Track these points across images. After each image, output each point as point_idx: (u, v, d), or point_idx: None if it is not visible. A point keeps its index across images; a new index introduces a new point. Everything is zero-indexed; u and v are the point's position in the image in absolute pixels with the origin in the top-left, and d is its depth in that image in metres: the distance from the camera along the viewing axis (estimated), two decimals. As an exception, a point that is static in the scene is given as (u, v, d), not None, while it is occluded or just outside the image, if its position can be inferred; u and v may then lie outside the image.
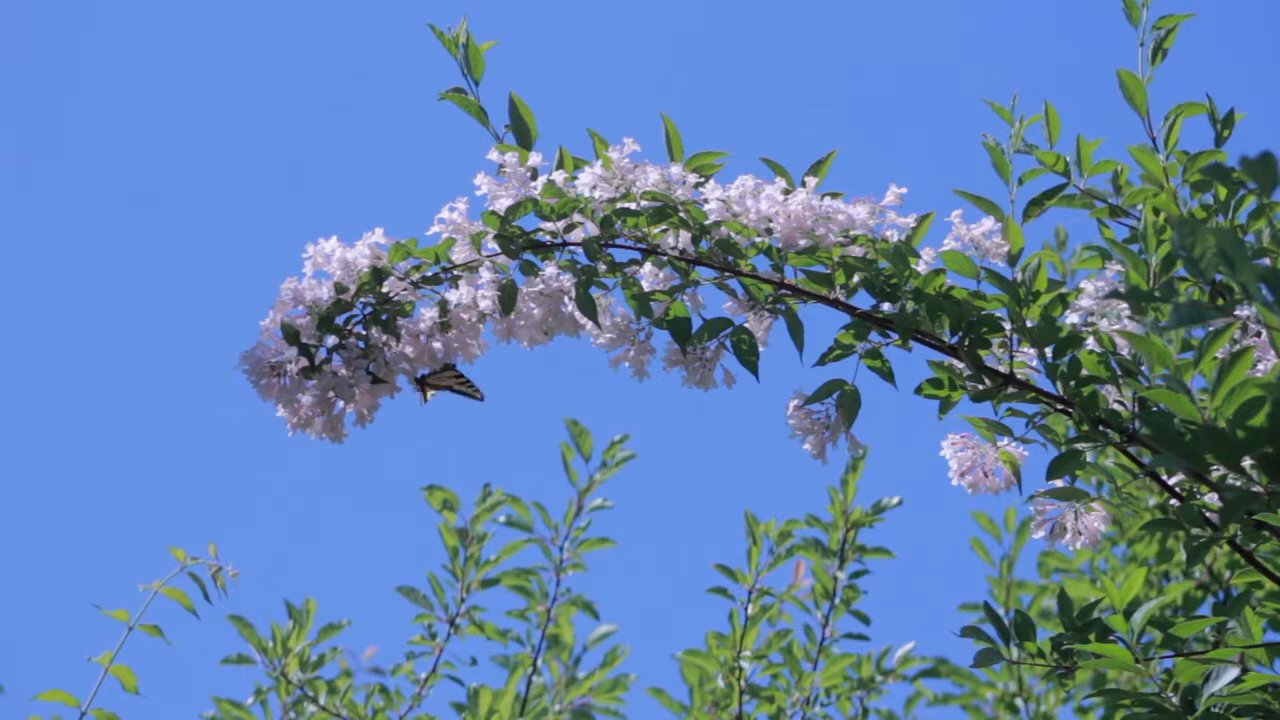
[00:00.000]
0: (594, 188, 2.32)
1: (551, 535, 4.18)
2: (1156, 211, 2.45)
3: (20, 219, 6.71)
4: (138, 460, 6.60)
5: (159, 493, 6.52)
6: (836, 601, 3.96)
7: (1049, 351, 2.31)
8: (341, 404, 2.33)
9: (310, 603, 4.03)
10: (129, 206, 6.77)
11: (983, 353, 2.36)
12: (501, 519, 4.16)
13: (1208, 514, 2.24)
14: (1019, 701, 4.31)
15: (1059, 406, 2.34)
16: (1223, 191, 2.41)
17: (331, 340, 2.32)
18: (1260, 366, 2.35)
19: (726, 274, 2.37)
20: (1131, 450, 2.31)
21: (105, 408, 6.65)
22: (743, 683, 3.87)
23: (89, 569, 6.15)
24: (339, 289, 2.30)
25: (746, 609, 3.89)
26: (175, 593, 2.81)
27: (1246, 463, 1.94)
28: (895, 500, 3.94)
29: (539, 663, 4.17)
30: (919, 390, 2.39)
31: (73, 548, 6.46)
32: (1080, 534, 2.43)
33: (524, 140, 2.40)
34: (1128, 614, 2.30)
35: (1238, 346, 2.23)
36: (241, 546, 2.80)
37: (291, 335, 2.29)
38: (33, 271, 6.76)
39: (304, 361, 2.31)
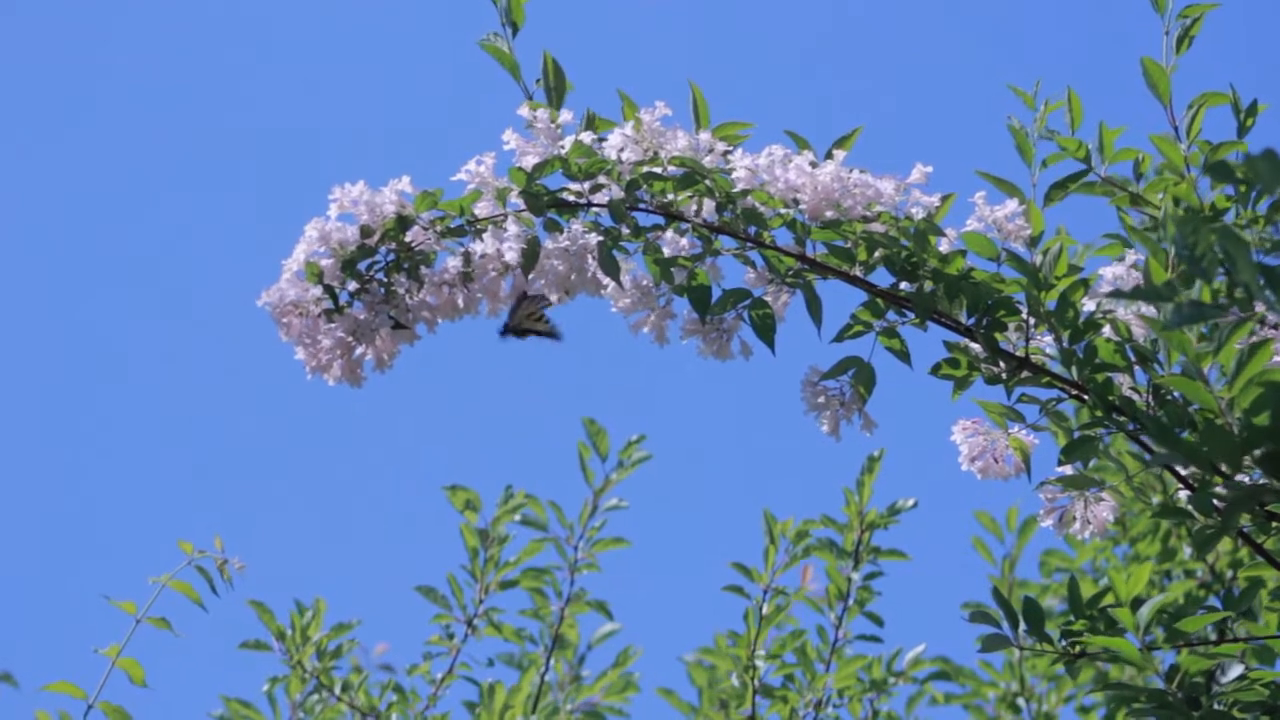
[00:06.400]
0: (622, 149, 2.35)
1: (566, 535, 4.20)
2: (1176, 201, 2.47)
3: (25, 196, 6.74)
4: (150, 453, 6.62)
5: (171, 487, 6.54)
6: (850, 603, 3.96)
7: (1065, 336, 2.32)
8: (361, 348, 2.35)
9: (320, 602, 4.05)
10: (139, 183, 6.80)
11: (999, 336, 2.37)
12: (518, 518, 4.17)
13: (1219, 504, 2.25)
14: (1021, 701, 4.32)
15: (1073, 392, 2.35)
16: (1252, 178, 2.42)
17: (353, 285, 2.35)
18: (1277, 359, 2.36)
19: (748, 245, 2.38)
20: (1143, 439, 2.32)
21: (117, 399, 6.67)
22: (756, 682, 3.88)
23: (98, 561, 6.17)
24: (365, 232, 2.32)
25: (762, 608, 3.90)
26: (183, 586, 2.82)
27: (1255, 454, 1.95)
28: (910, 502, 3.95)
29: (550, 662, 4.18)
30: (935, 370, 2.40)
31: (82, 540, 6.48)
32: (1088, 523, 2.44)
33: (557, 98, 2.42)
34: (1134, 607, 2.30)
35: (1257, 338, 2.24)
36: (258, 544, 2.81)
37: (316, 274, 2.31)
38: (41, 259, 6.80)
39: (326, 302, 2.33)
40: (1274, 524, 2.33)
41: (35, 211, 6.76)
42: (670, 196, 2.36)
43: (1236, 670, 2.32)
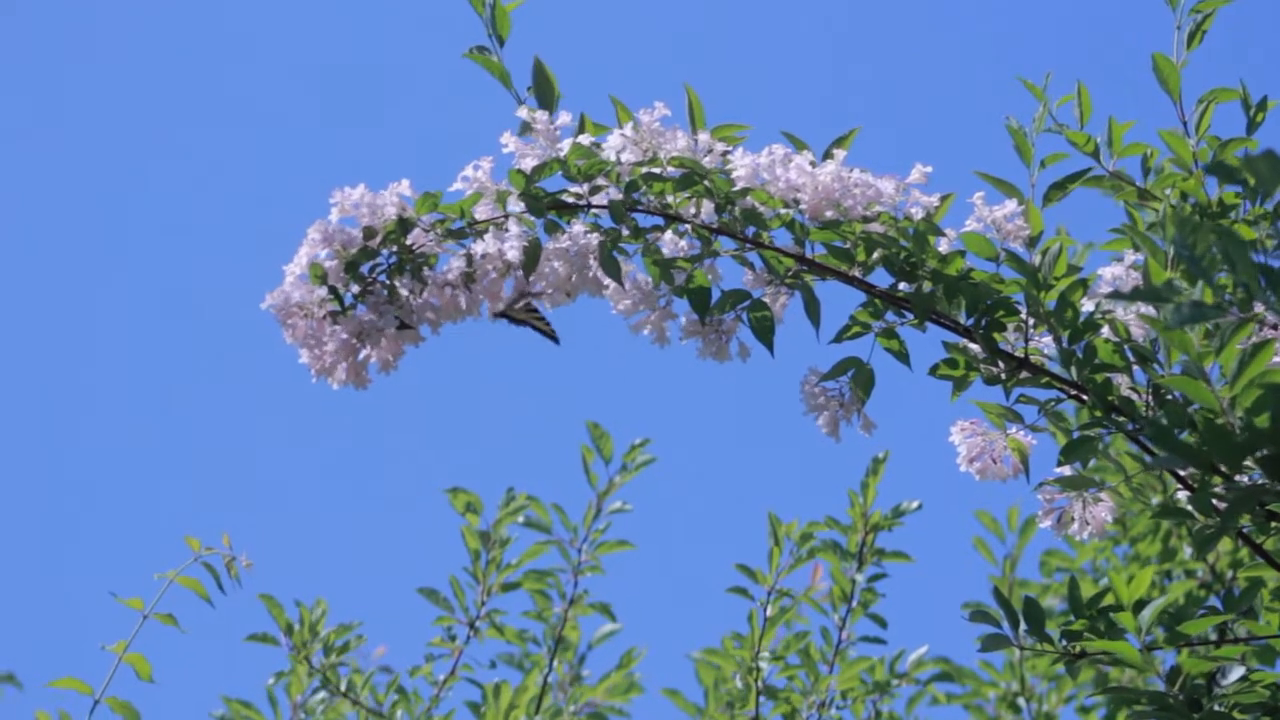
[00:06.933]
0: (621, 150, 2.35)
1: (570, 537, 4.21)
2: (1185, 197, 2.47)
3: (25, 192, 6.75)
4: (154, 453, 6.63)
5: (174, 487, 6.55)
6: (854, 604, 3.97)
7: (1064, 336, 2.33)
8: (366, 350, 2.36)
9: (321, 602, 4.06)
10: (146, 175, 6.82)
11: (998, 336, 2.37)
12: (521, 520, 4.18)
13: (1218, 504, 2.25)
14: (1021, 701, 4.32)
15: (1072, 393, 2.35)
16: (1251, 179, 2.41)
17: (355, 288, 2.36)
18: (1277, 359, 2.36)
19: (747, 246, 2.39)
20: (1142, 440, 2.32)
21: (123, 395, 6.68)
22: (760, 684, 3.88)
23: (99, 560, 6.19)
24: (367, 234, 2.33)
25: (766, 610, 3.90)
26: (190, 581, 2.83)
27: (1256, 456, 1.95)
28: (915, 504, 3.95)
29: (554, 663, 4.19)
30: (934, 370, 2.41)
31: (88, 537, 6.49)
32: (1087, 524, 2.44)
33: (546, 104, 2.42)
34: (1136, 610, 2.30)
35: (1258, 338, 2.24)
36: (258, 544, 2.83)
37: (320, 275, 2.32)
38: (43, 258, 6.81)
39: (331, 304, 2.34)
40: (1274, 524, 2.33)
41: (38, 210, 6.77)
42: (669, 198, 2.36)
43: (1237, 672, 2.33)
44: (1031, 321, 2.36)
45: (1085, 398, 2.31)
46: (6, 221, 6.73)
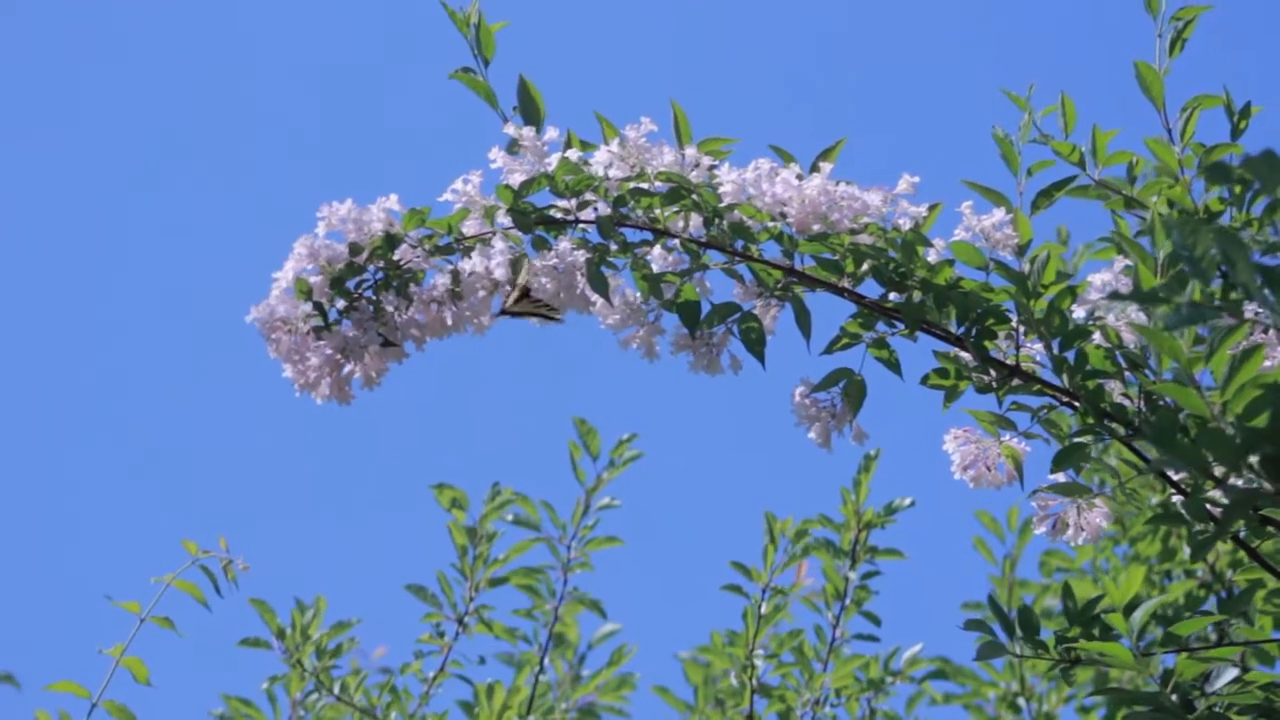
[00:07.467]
0: (609, 166, 2.34)
1: (559, 534, 4.20)
2: (1171, 204, 2.46)
3: (25, 193, 6.75)
4: (150, 453, 6.62)
5: (168, 488, 6.55)
6: (847, 602, 3.96)
7: (1055, 344, 2.32)
8: (349, 366, 2.35)
9: (320, 600, 4.05)
10: (141, 183, 6.80)
11: (989, 345, 2.37)
12: (509, 518, 4.17)
13: (1213, 509, 2.24)
14: (1021, 701, 4.32)
15: (1064, 399, 2.35)
16: (1238, 185, 2.41)
17: (341, 304, 2.35)
18: (1268, 363, 2.36)
19: (735, 259, 2.38)
20: (1135, 445, 2.32)
21: (116, 398, 6.68)
22: (754, 681, 3.88)
23: (100, 561, 6.18)
24: (353, 250, 2.32)
25: (760, 607, 3.90)
26: (187, 585, 2.83)
27: (1253, 458, 1.95)
28: (908, 501, 3.94)
29: (545, 661, 4.18)
30: (925, 380, 2.40)
31: (84, 540, 6.48)
32: (1082, 530, 2.44)
33: (532, 122, 2.41)
34: (1128, 612, 2.30)
35: (1249, 342, 2.24)
36: (249, 544, 2.83)
37: (305, 290, 2.32)
38: (43, 253, 6.80)
39: (315, 319, 2.33)
40: (1269, 528, 2.33)
41: (39, 211, 6.77)
42: (657, 212, 2.35)
43: (1230, 674, 2.32)
44: (1022, 329, 2.35)
45: (1077, 404, 2.31)
46: (6, 222, 6.72)
